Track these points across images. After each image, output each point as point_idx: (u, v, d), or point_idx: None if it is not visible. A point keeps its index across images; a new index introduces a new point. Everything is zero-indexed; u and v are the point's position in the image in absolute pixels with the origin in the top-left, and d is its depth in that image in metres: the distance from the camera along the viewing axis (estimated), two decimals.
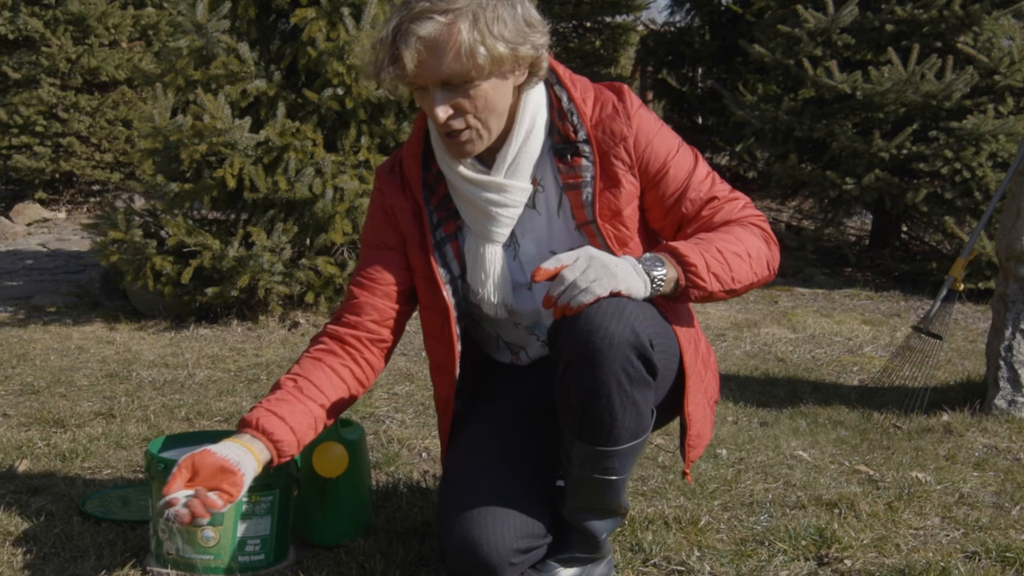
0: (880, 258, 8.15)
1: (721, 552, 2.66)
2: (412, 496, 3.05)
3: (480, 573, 2.26)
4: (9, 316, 6.09)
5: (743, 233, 2.30)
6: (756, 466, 3.42)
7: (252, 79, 5.56)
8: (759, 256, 2.30)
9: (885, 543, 2.73)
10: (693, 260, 2.17)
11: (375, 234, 2.51)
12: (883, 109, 7.53)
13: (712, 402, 2.54)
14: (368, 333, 2.46)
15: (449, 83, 2.19)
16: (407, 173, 2.45)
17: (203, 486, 2.15)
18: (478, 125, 2.25)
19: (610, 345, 2.07)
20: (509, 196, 2.34)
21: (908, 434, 3.89)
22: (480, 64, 2.16)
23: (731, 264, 2.23)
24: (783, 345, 5.58)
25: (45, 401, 4.15)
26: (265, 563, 2.52)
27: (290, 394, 2.35)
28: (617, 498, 2.33)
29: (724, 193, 2.37)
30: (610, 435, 2.18)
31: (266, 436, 2.28)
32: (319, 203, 5.46)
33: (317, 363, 2.43)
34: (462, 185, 2.36)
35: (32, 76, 9.91)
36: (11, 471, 3.25)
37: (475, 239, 2.40)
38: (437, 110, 2.21)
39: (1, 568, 2.48)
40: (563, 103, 2.36)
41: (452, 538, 2.28)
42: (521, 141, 2.33)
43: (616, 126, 2.32)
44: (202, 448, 2.20)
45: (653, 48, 10.83)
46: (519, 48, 2.21)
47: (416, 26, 2.14)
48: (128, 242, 5.62)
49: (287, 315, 5.80)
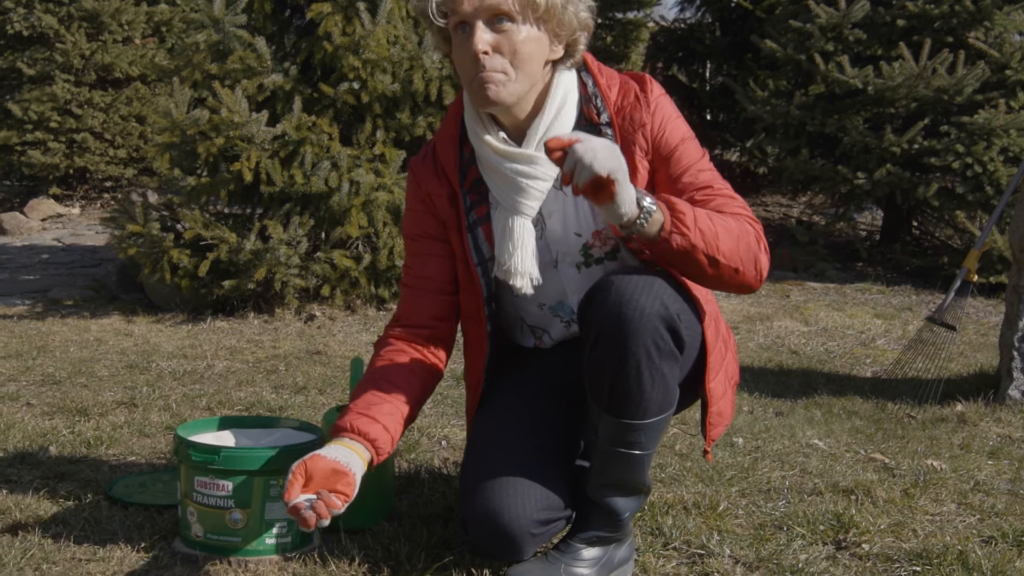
0: (891, 253, 8.18)
1: (740, 536, 2.69)
2: (433, 482, 3.09)
3: (501, 542, 2.32)
4: (27, 309, 6.15)
5: (739, 224, 2.30)
6: (772, 454, 3.45)
7: (269, 73, 5.61)
8: (748, 247, 2.29)
9: (902, 528, 2.76)
10: (682, 208, 2.18)
11: (416, 225, 2.55)
12: (894, 104, 7.56)
13: (733, 384, 2.57)
14: (429, 330, 2.53)
15: (496, 15, 2.24)
16: (441, 158, 2.50)
17: (321, 488, 2.18)
18: (510, 69, 2.28)
19: (641, 316, 2.13)
20: (539, 168, 2.38)
21: (922, 424, 3.93)
22: (538, 2, 2.23)
23: (718, 231, 2.22)
24: (796, 338, 5.62)
25: (67, 391, 4.20)
26: (292, 545, 2.55)
27: (375, 396, 2.39)
28: (641, 474, 2.36)
29: (722, 188, 2.39)
30: (639, 408, 2.23)
31: (363, 437, 2.31)
32: (335, 197, 5.51)
33: (390, 364, 2.48)
34: (492, 158, 2.40)
35: (46, 72, 9.96)
36: (37, 458, 3.30)
37: (504, 213, 2.43)
38: (477, 41, 2.24)
39: (33, 550, 2.52)
40: (588, 87, 2.41)
41: (474, 508, 2.33)
42: (552, 115, 2.37)
43: (636, 114, 2.36)
44: (312, 454, 2.23)
45: (664, 44, 10.87)
46: (568, 8, 2.27)
47: None
48: (146, 235, 5.67)
49: (303, 308, 5.84)
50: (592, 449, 2.37)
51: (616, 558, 2.44)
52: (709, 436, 2.49)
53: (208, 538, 2.52)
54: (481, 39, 2.24)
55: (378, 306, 6.01)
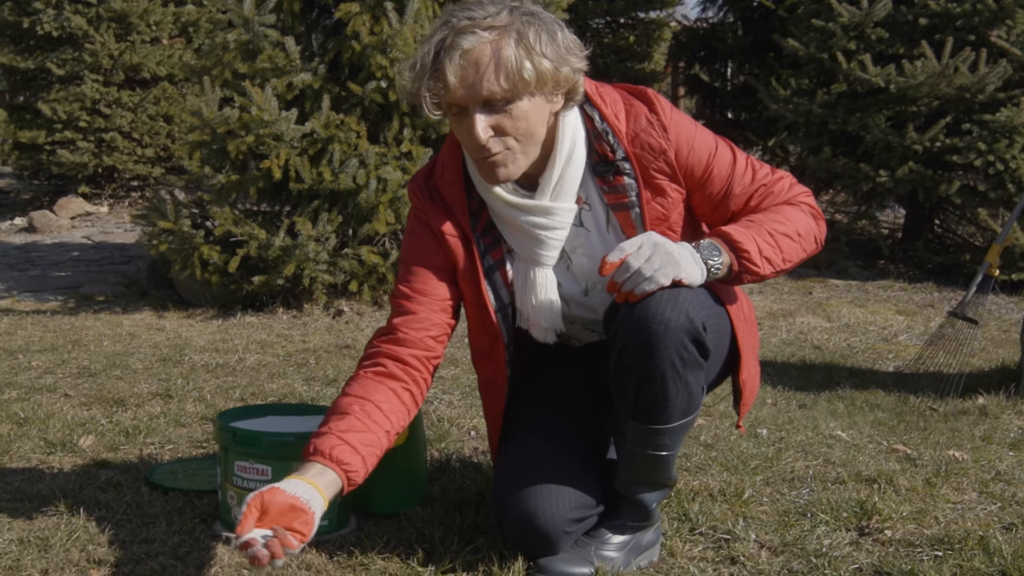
0: (913, 250, 8.20)
1: (765, 522, 2.74)
2: (464, 469, 3.16)
3: (537, 542, 2.38)
4: (60, 305, 6.26)
5: (792, 212, 2.36)
6: (796, 445, 3.50)
7: (297, 72, 5.69)
8: (808, 233, 2.36)
9: (924, 515, 2.80)
10: (746, 247, 2.23)
11: (421, 253, 2.48)
12: (917, 102, 7.59)
13: (757, 354, 2.63)
14: (426, 351, 2.43)
15: (490, 101, 2.18)
16: (449, 201, 2.45)
17: (275, 524, 2.07)
18: (516, 147, 2.25)
19: (666, 331, 2.16)
20: (556, 219, 2.37)
21: (944, 416, 3.97)
22: (526, 80, 2.16)
23: (782, 246, 2.29)
24: (819, 333, 5.67)
25: (103, 383, 4.29)
26: (329, 528, 2.62)
27: (359, 421, 2.29)
28: (667, 472, 2.43)
29: (767, 177, 2.41)
30: (662, 414, 2.28)
31: (339, 465, 2.23)
32: (363, 194, 5.59)
33: (380, 386, 2.38)
34: (506, 211, 2.38)
35: (76, 72, 10.10)
36: (78, 446, 3.39)
37: (523, 264, 2.43)
38: (478, 130, 2.18)
39: (78, 532, 2.61)
40: (596, 123, 2.36)
41: (510, 510, 2.40)
42: (563, 163, 2.34)
43: (653, 140, 2.33)
44: (270, 487, 2.14)
45: (686, 44, 10.90)
46: (561, 68, 2.21)
47: (460, 40, 2.14)
48: (177, 232, 5.76)
49: (331, 303, 5.93)
50: (619, 449, 2.43)
51: (643, 542, 2.51)
52: (741, 413, 2.57)
53: None
54: (481, 127, 2.19)
55: None
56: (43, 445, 3.40)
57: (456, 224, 2.43)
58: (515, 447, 2.52)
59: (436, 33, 2.19)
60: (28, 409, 3.81)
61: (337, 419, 2.30)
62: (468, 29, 2.14)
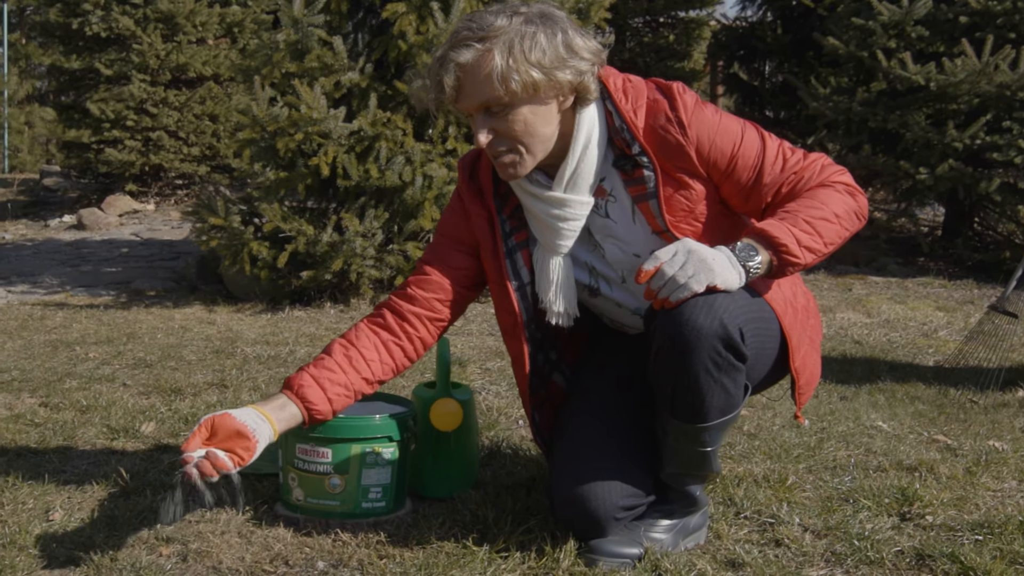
0: (953, 248, 8.23)
1: (808, 507, 2.81)
2: (514, 456, 3.25)
3: (588, 525, 2.47)
4: (112, 299, 6.40)
5: (827, 195, 2.37)
6: (837, 435, 3.56)
7: (345, 71, 5.80)
8: (847, 214, 2.38)
9: (965, 502, 2.86)
10: (784, 240, 2.27)
11: (452, 227, 2.65)
12: (957, 100, 7.61)
13: (816, 343, 2.68)
14: (430, 311, 2.61)
15: (488, 108, 2.31)
16: (482, 183, 2.59)
17: (219, 447, 2.31)
18: (520, 148, 2.36)
19: (698, 338, 2.22)
20: (569, 210, 2.47)
21: (984, 408, 4.03)
22: (513, 90, 2.27)
23: (820, 231, 2.32)
24: (859, 329, 5.72)
25: (159, 373, 4.41)
26: (386, 510, 2.72)
27: (338, 364, 2.54)
28: (710, 465, 2.50)
29: (798, 163, 2.44)
30: (699, 414, 2.35)
31: (303, 402, 2.49)
32: (408, 190, 5.69)
33: (373, 336, 2.60)
34: (527, 199, 2.51)
35: (123, 72, 10.28)
36: (139, 432, 3.50)
37: (541, 250, 2.55)
38: (478, 134, 2.34)
39: (145, 512, 2.71)
40: (614, 118, 2.44)
41: (563, 493, 2.49)
42: (578, 158, 2.43)
43: (671, 137, 2.40)
44: (223, 412, 2.37)
45: (725, 43, 10.96)
46: (555, 73, 2.30)
47: (455, 53, 2.27)
48: (227, 228, 5.89)
49: (377, 298, 6.05)
50: (662, 444, 2.50)
51: (691, 525, 2.58)
52: (799, 402, 2.63)
53: (308, 502, 2.70)
54: (481, 132, 2.33)
55: None
56: (106, 431, 3.52)
57: (484, 205, 2.58)
58: (572, 433, 2.60)
59: (443, 45, 2.34)
60: (89, 398, 3.94)
61: (319, 359, 2.57)
62: (464, 42, 2.27)
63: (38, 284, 7.31)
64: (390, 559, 2.45)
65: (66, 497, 2.84)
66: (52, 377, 4.34)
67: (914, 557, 2.48)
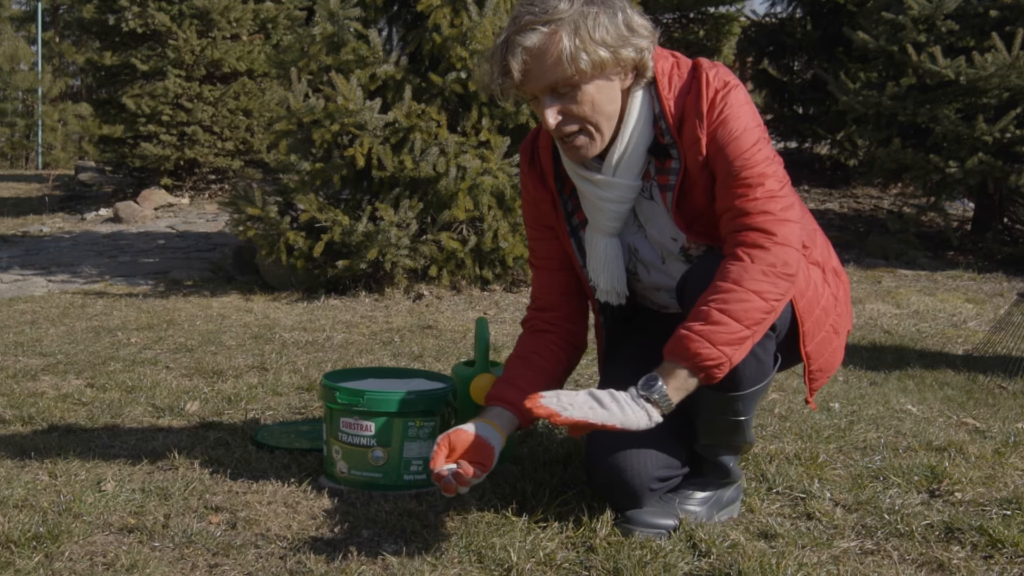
0: (982, 241, 8.25)
1: (839, 484, 2.87)
2: (550, 434, 3.33)
3: (623, 495, 2.54)
4: (151, 288, 6.52)
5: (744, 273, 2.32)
6: (867, 418, 3.62)
7: (380, 64, 5.89)
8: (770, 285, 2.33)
9: (993, 480, 2.91)
10: (695, 349, 2.28)
11: (531, 217, 2.77)
12: (987, 94, 7.64)
13: (840, 333, 2.71)
14: (563, 307, 2.76)
15: (556, 89, 2.36)
16: (543, 166, 2.67)
17: (462, 459, 2.39)
18: (590, 128, 2.42)
19: None
20: (616, 192, 2.53)
21: (1013, 394, 4.07)
22: (583, 69, 2.34)
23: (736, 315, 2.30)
24: (888, 319, 5.76)
25: (200, 357, 4.51)
26: (427, 482, 2.79)
27: (522, 369, 2.67)
28: (743, 435, 2.57)
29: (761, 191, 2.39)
30: (733, 383, 2.42)
31: (512, 405, 2.56)
32: (442, 181, 5.78)
33: (537, 340, 2.74)
34: (580, 182, 2.58)
35: (159, 68, 10.42)
36: (184, 411, 3.60)
37: (591, 231, 2.62)
38: (547, 115, 2.38)
39: (194, 483, 2.80)
40: (655, 106, 2.49)
41: (600, 463, 2.56)
42: (626, 143, 2.48)
43: (692, 132, 2.44)
44: (455, 428, 2.46)
45: (755, 38, 11.00)
46: (620, 51, 2.37)
47: (521, 37, 2.34)
48: (264, 218, 5.99)
49: (411, 287, 6.13)
50: (697, 415, 2.57)
51: (725, 498, 2.65)
52: (811, 388, 2.68)
53: (352, 474, 2.78)
54: (550, 113, 2.38)
55: (482, 287, 6.27)
56: (152, 410, 3.62)
57: (545, 187, 2.66)
58: None
59: (504, 32, 2.40)
60: (134, 379, 4.04)
61: (507, 371, 2.69)
62: (529, 26, 2.33)
63: (77, 274, 7.45)
64: (432, 528, 2.52)
65: (116, 469, 2.93)
66: (96, 360, 4.45)
67: (943, 530, 2.53)
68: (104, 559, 2.32)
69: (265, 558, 2.35)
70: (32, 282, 7.12)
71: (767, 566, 2.24)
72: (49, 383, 4.04)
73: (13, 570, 2.24)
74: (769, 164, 2.42)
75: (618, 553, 2.34)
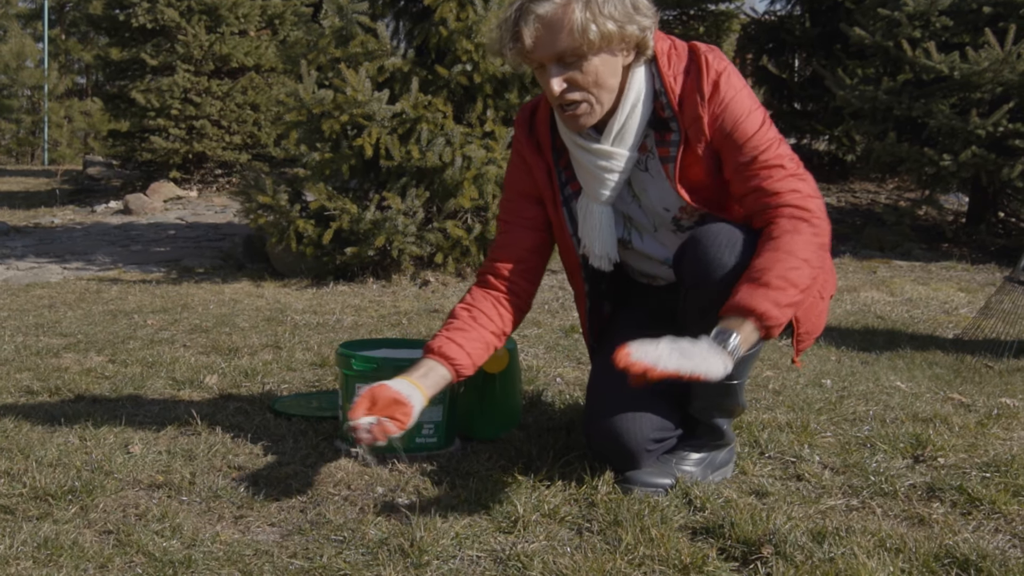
0: (977, 234, 8.39)
1: (828, 449, 3.02)
2: (553, 404, 3.49)
3: (621, 457, 2.70)
4: (163, 275, 6.68)
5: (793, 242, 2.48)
6: (858, 393, 3.76)
7: (388, 56, 6.05)
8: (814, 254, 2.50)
9: (975, 448, 3.05)
10: (762, 308, 2.40)
11: (518, 182, 2.87)
12: (980, 88, 7.78)
13: (825, 297, 2.85)
14: (520, 263, 2.83)
15: (563, 59, 2.50)
16: (540, 138, 2.81)
17: (381, 414, 2.48)
18: (591, 98, 2.56)
19: (724, 273, 2.48)
20: (614, 162, 2.67)
21: (999, 372, 4.22)
22: (592, 40, 2.48)
23: (795, 282, 2.44)
24: (882, 306, 5.92)
25: (216, 337, 4.67)
26: (437, 445, 2.96)
27: (466, 323, 2.74)
28: (736, 398, 2.73)
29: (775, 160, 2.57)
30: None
31: (446, 359, 2.65)
32: (448, 171, 5.93)
33: (485, 296, 2.81)
34: (577, 151, 2.71)
35: (168, 63, 10.57)
36: (203, 383, 3.76)
37: (585, 198, 2.76)
38: (552, 83, 2.50)
39: (216, 446, 2.96)
40: (656, 81, 2.64)
41: (598, 428, 2.72)
42: (627, 114, 2.63)
43: (691, 108, 2.59)
44: (379, 383, 2.54)
45: (754, 36, 11.13)
46: (626, 27, 2.51)
47: (535, 6, 2.48)
48: (274, 206, 6.15)
49: (418, 274, 6.29)
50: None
51: (718, 460, 2.81)
52: (798, 349, 2.83)
53: None
54: (556, 81, 2.51)
55: None
56: (172, 383, 3.78)
57: (542, 158, 2.79)
58: (605, 374, 2.82)
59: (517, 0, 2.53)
60: (153, 356, 4.20)
61: (448, 324, 2.74)
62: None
63: (91, 262, 7.62)
64: (443, 486, 2.68)
65: (143, 434, 3.09)
66: (116, 339, 4.61)
67: (925, 490, 2.67)
68: (136, 510, 2.48)
69: (287, 511, 2.51)
70: (47, 269, 7.29)
71: (757, 518, 2.38)
72: (72, 359, 4.20)
73: (51, 520, 2.40)
74: (780, 144, 2.59)
75: (618, 508, 2.48)
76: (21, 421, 3.22)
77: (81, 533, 2.34)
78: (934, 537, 2.33)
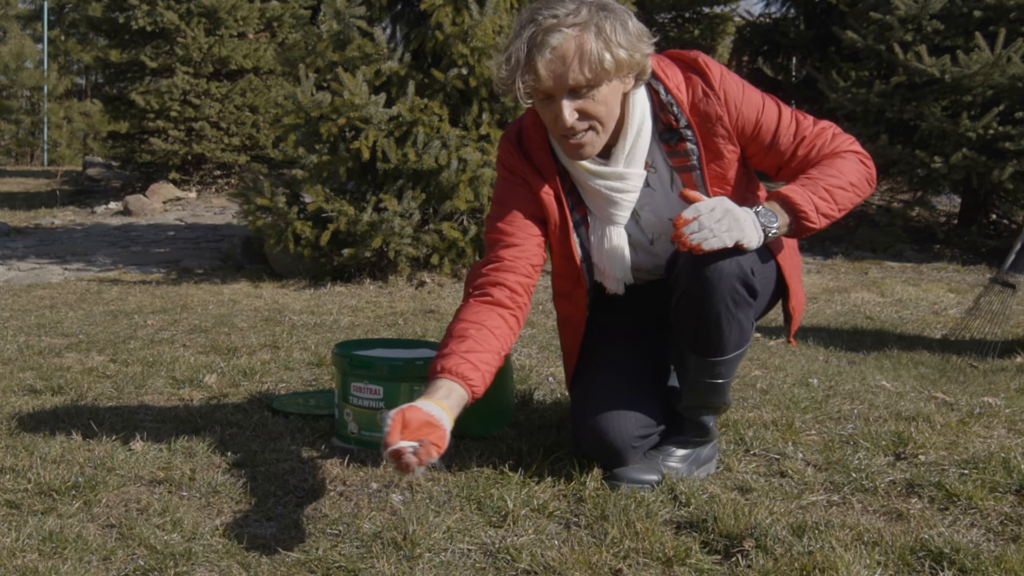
0: (968, 235, 8.46)
1: (812, 447, 3.08)
2: (544, 404, 3.56)
3: (608, 454, 2.77)
4: (163, 276, 6.76)
5: (844, 165, 2.63)
6: (844, 393, 3.83)
7: (385, 60, 6.13)
8: (861, 182, 2.65)
9: (955, 446, 3.11)
10: (804, 208, 2.54)
11: (515, 197, 2.80)
12: (971, 91, 7.86)
13: (800, 274, 2.96)
14: (526, 277, 2.78)
15: (575, 89, 2.51)
16: (539, 164, 2.81)
17: (413, 437, 2.35)
18: (598, 126, 2.60)
19: (720, 278, 2.53)
20: (628, 182, 2.72)
21: (983, 372, 4.30)
22: (607, 69, 2.51)
23: (837, 199, 2.59)
24: (871, 307, 5.99)
25: (215, 337, 4.74)
26: None
27: (477, 343, 2.60)
28: (723, 397, 2.81)
29: (810, 129, 2.69)
30: (717, 348, 2.66)
31: (464, 381, 2.57)
32: (444, 173, 6.01)
33: (491, 312, 2.70)
34: (585, 177, 2.75)
35: (167, 65, 10.65)
36: (203, 382, 3.84)
37: (600, 223, 2.79)
38: (565, 114, 2.51)
39: (216, 444, 3.03)
40: (661, 95, 2.70)
41: (585, 427, 2.79)
42: (634, 134, 2.68)
43: (710, 109, 2.66)
44: (408, 405, 2.44)
45: (749, 38, 11.20)
46: (634, 55, 2.55)
47: (549, 37, 2.48)
48: (272, 208, 6.23)
49: (414, 275, 6.37)
50: (681, 379, 2.81)
51: (703, 456, 2.88)
52: (791, 329, 2.92)
53: (362, 435, 3.02)
54: (568, 112, 2.51)
55: None
56: (172, 382, 3.85)
57: (548, 184, 2.80)
58: (590, 377, 2.91)
59: (525, 30, 2.53)
60: (153, 355, 4.28)
61: (458, 342, 2.62)
62: (555, 28, 2.49)
63: (91, 263, 7.70)
64: (435, 481, 2.75)
65: (144, 432, 3.16)
66: (116, 339, 4.69)
67: (904, 486, 2.74)
68: (138, 505, 2.55)
69: (284, 505, 2.58)
70: (48, 270, 7.37)
71: (740, 513, 2.45)
72: (74, 359, 4.28)
73: (56, 514, 2.48)
74: (801, 116, 2.68)
75: (605, 503, 2.55)
76: (25, 419, 3.30)
77: (85, 527, 2.41)
78: (910, 531, 2.39)
